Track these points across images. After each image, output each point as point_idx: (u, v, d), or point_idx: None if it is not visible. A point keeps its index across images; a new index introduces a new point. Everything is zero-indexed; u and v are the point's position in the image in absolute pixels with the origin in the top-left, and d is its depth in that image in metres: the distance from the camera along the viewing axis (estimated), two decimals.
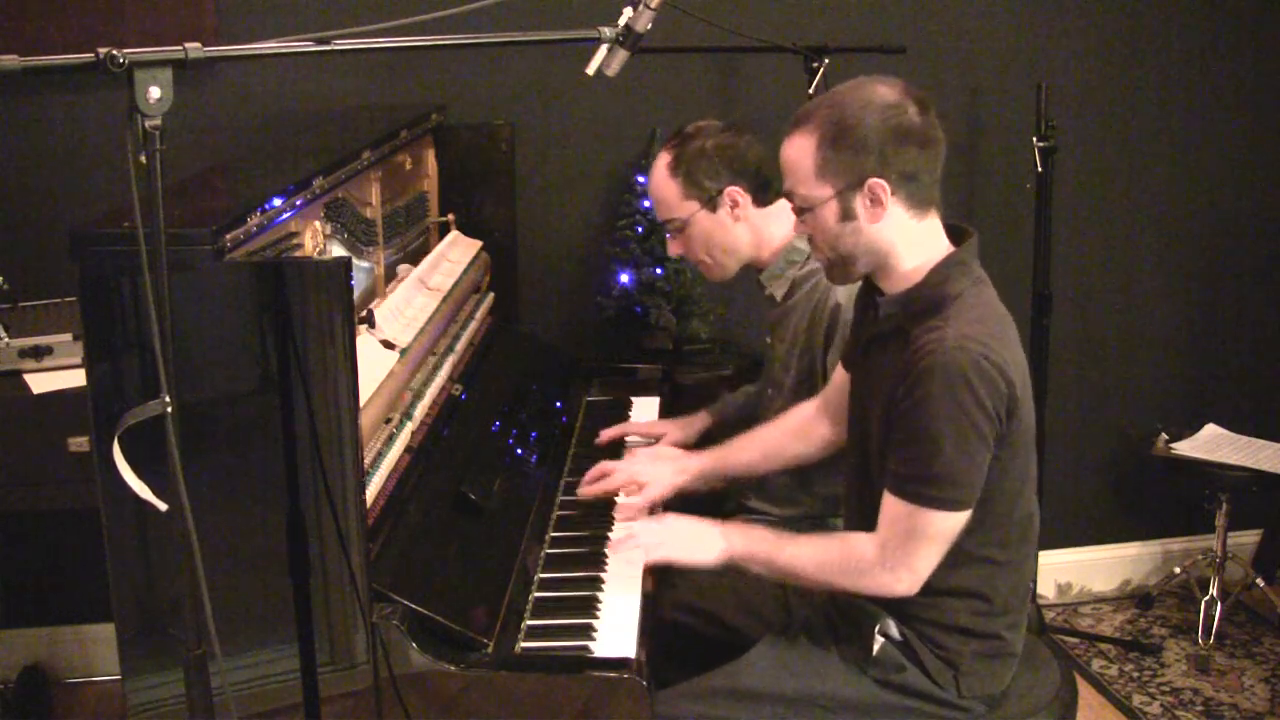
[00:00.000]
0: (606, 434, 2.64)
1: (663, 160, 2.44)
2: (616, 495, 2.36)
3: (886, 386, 1.87)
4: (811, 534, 2.20)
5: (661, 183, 2.44)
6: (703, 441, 2.59)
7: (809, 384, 2.39)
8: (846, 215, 1.86)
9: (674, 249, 2.51)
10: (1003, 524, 1.89)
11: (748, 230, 2.43)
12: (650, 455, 2.44)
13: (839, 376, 2.23)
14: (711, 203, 2.40)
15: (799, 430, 2.33)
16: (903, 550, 1.85)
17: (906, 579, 1.86)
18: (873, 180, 1.82)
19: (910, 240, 1.87)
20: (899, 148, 1.81)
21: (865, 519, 1.92)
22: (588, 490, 2.35)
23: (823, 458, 2.31)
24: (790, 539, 2.02)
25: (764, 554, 1.99)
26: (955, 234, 1.92)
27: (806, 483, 2.43)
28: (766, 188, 2.43)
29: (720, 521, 2.10)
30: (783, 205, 2.46)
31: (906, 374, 1.80)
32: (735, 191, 2.39)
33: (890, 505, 1.85)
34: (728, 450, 2.39)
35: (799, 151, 1.86)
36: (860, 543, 1.90)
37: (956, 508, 1.81)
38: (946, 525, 1.83)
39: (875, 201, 1.83)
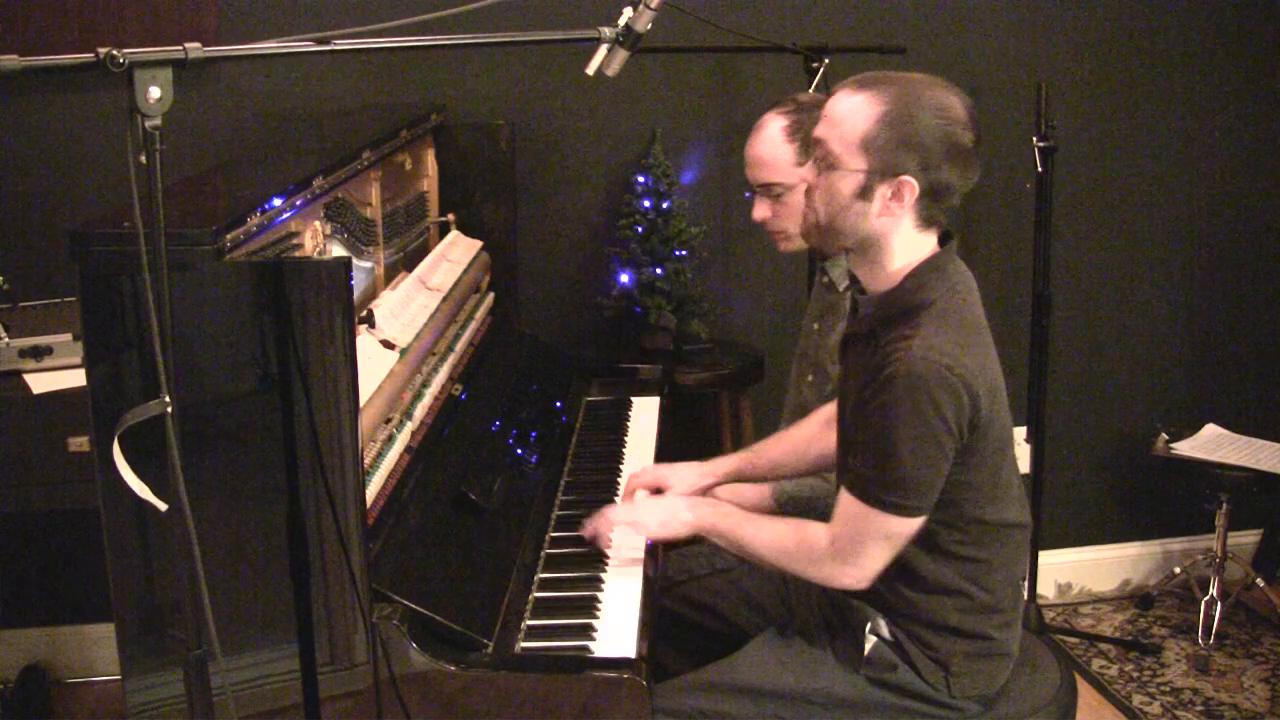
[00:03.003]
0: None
1: (776, 124, 2.40)
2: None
3: (855, 385, 1.88)
4: (775, 517, 2.23)
5: (775, 145, 2.39)
6: None
7: None
8: (863, 195, 1.83)
9: (760, 212, 2.45)
10: (975, 526, 1.90)
11: None
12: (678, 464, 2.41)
13: None
14: None
15: (824, 427, 2.29)
16: (852, 547, 1.88)
17: (853, 574, 1.89)
18: (906, 178, 1.80)
19: (905, 246, 1.87)
20: (943, 161, 1.80)
21: None
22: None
23: None
24: (753, 519, 2.07)
25: (727, 529, 2.05)
26: (939, 236, 1.92)
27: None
28: None
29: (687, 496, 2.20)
30: None
31: (874, 378, 1.81)
32: None
33: (846, 502, 1.87)
34: (755, 452, 2.38)
35: (855, 111, 1.82)
36: (815, 532, 1.94)
37: (910, 513, 1.83)
38: (898, 529, 1.84)
39: (896, 196, 1.82)
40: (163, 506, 1.45)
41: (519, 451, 2.45)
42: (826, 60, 2.87)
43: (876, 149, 1.80)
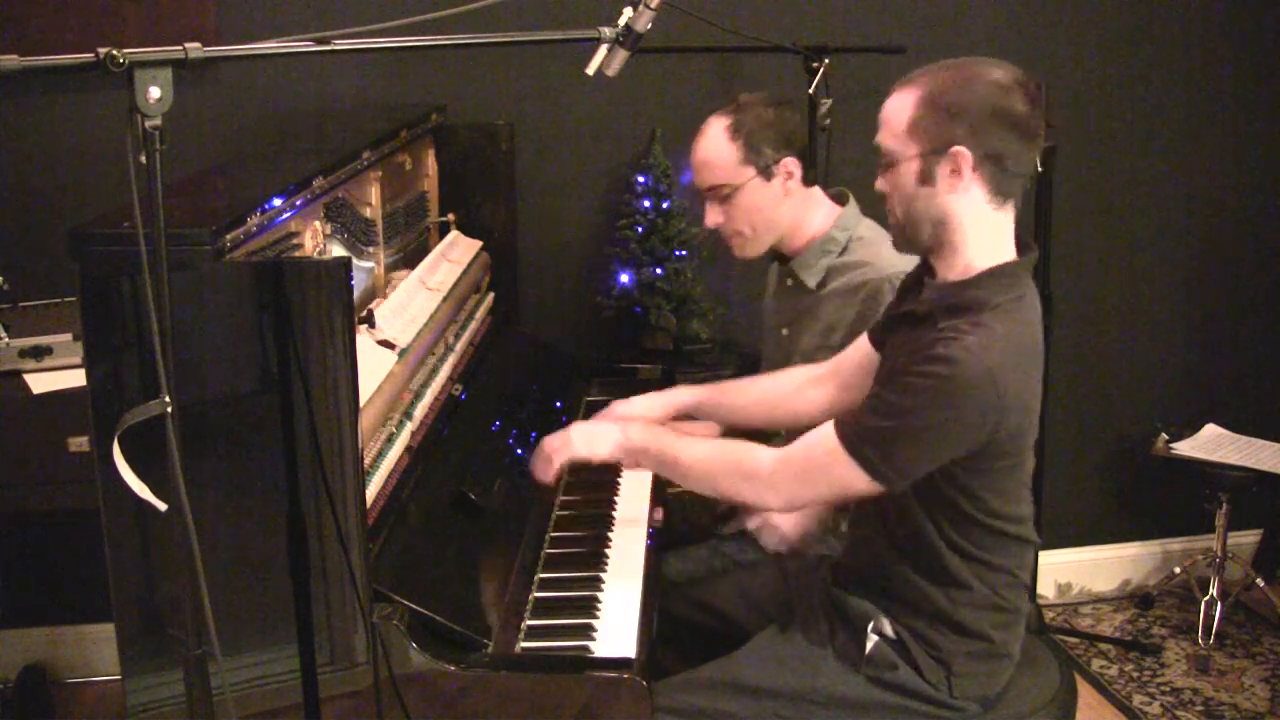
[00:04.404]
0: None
1: (719, 124, 2.40)
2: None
3: (893, 360, 1.88)
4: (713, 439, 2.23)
5: (718, 146, 2.39)
6: None
7: None
8: (926, 179, 1.84)
9: (713, 218, 2.46)
10: (976, 529, 1.89)
11: (791, 208, 2.41)
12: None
13: (859, 349, 2.18)
14: (767, 171, 2.38)
15: (800, 388, 2.28)
16: (801, 475, 1.88)
17: (781, 500, 1.92)
18: (957, 148, 1.80)
19: (981, 228, 1.86)
20: (994, 127, 1.80)
21: (872, 501, 1.91)
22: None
23: (818, 422, 2.18)
24: (688, 438, 2.08)
25: (658, 447, 2.06)
26: (1020, 245, 1.91)
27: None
28: (812, 167, 2.41)
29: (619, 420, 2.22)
30: (820, 193, 2.45)
31: (920, 353, 1.80)
32: (791, 163, 2.37)
33: (823, 434, 1.86)
34: (722, 390, 2.36)
35: (898, 105, 1.85)
36: (757, 452, 1.95)
37: (875, 477, 1.81)
38: (854, 484, 1.83)
39: (955, 171, 1.82)
40: (163, 506, 1.45)
41: (519, 451, 2.45)
42: (826, 60, 2.87)
43: (922, 130, 1.82)
